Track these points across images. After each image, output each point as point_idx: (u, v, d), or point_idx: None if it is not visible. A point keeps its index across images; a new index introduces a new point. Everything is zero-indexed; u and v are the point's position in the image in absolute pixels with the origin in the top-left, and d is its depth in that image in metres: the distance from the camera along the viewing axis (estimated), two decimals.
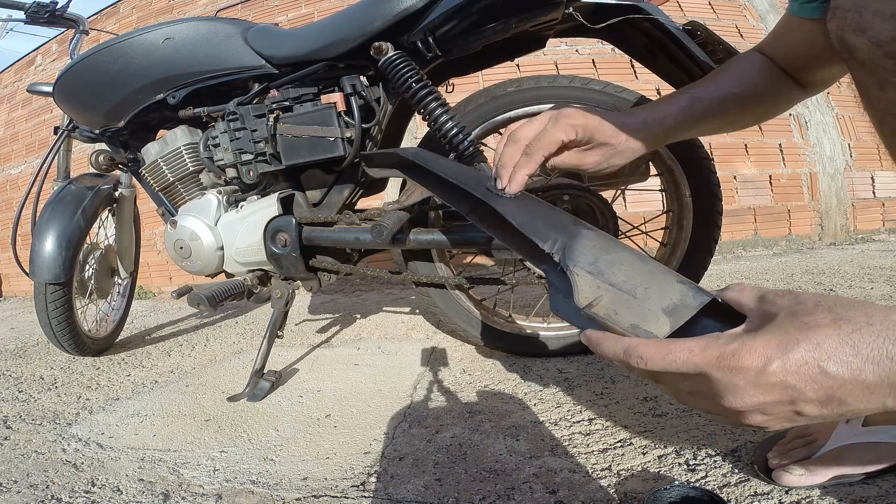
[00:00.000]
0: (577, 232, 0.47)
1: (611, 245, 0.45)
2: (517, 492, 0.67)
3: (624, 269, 0.42)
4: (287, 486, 0.74)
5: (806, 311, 0.31)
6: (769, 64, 0.62)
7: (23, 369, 1.52)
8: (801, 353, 0.29)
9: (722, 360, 0.31)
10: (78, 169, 1.68)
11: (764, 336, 0.31)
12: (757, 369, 0.30)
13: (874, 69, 0.40)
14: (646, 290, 0.39)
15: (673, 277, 0.40)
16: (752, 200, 2.66)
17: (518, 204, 0.55)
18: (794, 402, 0.30)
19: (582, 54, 2.71)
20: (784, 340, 0.30)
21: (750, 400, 0.31)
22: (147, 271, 3.13)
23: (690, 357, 0.32)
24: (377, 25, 0.94)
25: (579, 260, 0.44)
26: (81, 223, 1.42)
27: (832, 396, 0.29)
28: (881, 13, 0.37)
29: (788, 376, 0.29)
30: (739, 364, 0.30)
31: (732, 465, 0.67)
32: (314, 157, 1.02)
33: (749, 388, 0.30)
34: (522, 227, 0.51)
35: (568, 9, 0.88)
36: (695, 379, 0.33)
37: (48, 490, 0.78)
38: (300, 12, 3.08)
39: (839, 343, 0.29)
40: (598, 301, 0.41)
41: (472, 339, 1.21)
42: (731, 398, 0.31)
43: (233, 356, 1.46)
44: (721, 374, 0.31)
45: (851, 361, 0.28)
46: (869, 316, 0.29)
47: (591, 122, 0.58)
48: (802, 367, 0.29)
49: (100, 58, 1.11)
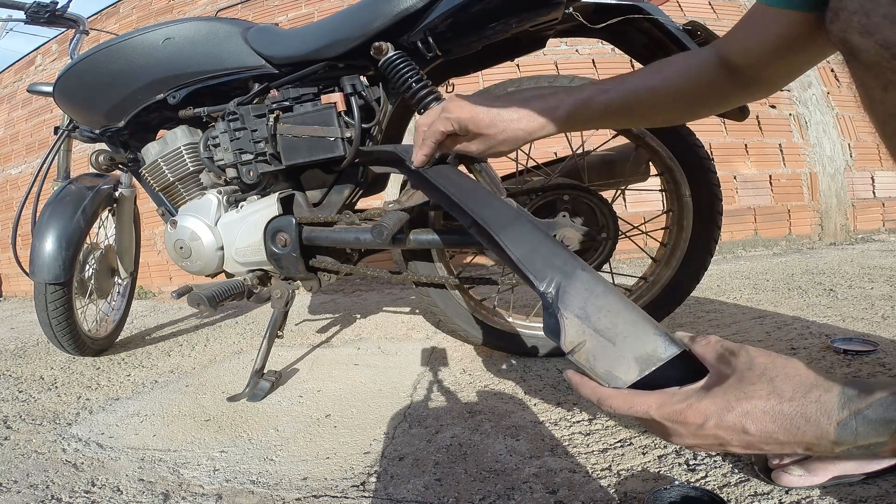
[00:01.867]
0: (573, 273, 0.51)
1: (601, 290, 0.49)
2: (517, 492, 0.67)
3: (610, 317, 0.47)
4: (287, 486, 0.74)
5: (751, 379, 0.40)
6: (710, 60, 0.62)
7: (23, 369, 1.52)
8: (733, 418, 0.39)
9: (671, 416, 0.41)
10: (78, 169, 1.68)
11: (710, 399, 0.40)
12: (697, 425, 0.40)
13: (880, 71, 0.40)
14: (624, 338, 0.46)
15: (651, 328, 0.46)
16: (752, 200, 2.66)
17: (518, 232, 0.57)
18: (722, 444, 0.41)
19: (582, 54, 2.71)
20: (723, 405, 0.39)
21: (688, 442, 0.42)
22: (147, 271, 3.13)
23: (648, 411, 0.43)
24: (377, 25, 0.94)
25: (570, 303, 0.49)
26: (81, 223, 1.42)
27: (751, 445, 0.39)
28: (891, 17, 0.37)
29: (720, 431, 0.39)
30: (685, 420, 0.41)
31: (732, 465, 0.67)
32: (314, 157, 1.02)
33: (689, 436, 0.41)
34: (520, 262, 0.54)
35: (568, 9, 0.88)
36: (650, 423, 0.44)
37: (48, 490, 0.78)
38: (300, 12, 3.08)
39: (763, 414, 0.38)
40: (580, 347, 0.47)
41: (472, 339, 1.21)
42: (675, 439, 0.43)
43: (233, 356, 1.46)
44: (669, 425, 0.42)
45: (769, 427, 0.38)
46: (794, 391, 0.38)
47: (464, 116, 0.64)
48: (731, 427, 0.39)
49: (100, 58, 1.11)
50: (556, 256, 0.53)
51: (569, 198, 1.01)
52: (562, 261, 0.52)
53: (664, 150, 1.06)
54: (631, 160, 1.14)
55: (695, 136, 1.07)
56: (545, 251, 0.54)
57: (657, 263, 1.19)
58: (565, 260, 0.52)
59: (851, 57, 0.42)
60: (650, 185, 1.18)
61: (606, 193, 1.09)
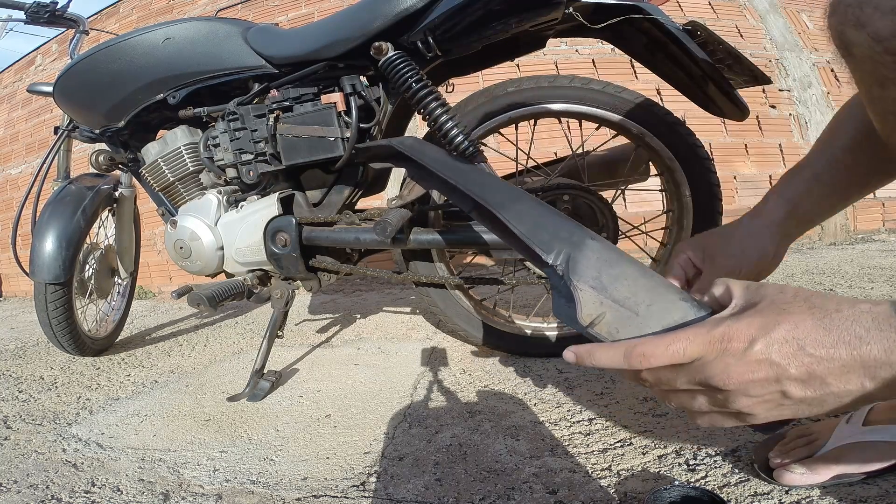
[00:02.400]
0: (582, 242, 0.47)
1: (615, 258, 0.45)
2: (517, 492, 0.67)
3: (627, 285, 0.42)
4: (287, 486, 0.74)
5: (785, 300, 0.34)
6: None
7: (23, 369, 1.52)
8: (782, 333, 0.32)
9: (714, 343, 0.34)
10: (78, 169, 1.68)
11: (747, 319, 0.34)
12: (743, 348, 0.33)
13: (874, 66, 0.39)
14: (648, 307, 0.41)
15: (676, 294, 0.41)
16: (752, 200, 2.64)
17: (521, 208, 0.55)
18: (778, 379, 0.33)
19: (582, 54, 2.71)
20: (766, 322, 0.33)
21: (738, 377, 0.33)
22: (147, 271, 3.13)
23: (689, 345, 0.34)
24: (377, 25, 0.94)
25: (583, 274, 0.44)
26: (81, 223, 1.42)
27: (813, 374, 0.32)
28: (881, 8, 0.37)
29: (772, 352, 0.32)
30: (729, 345, 0.33)
31: (732, 464, 0.67)
32: (314, 157, 1.02)
33: (737, 364, 0.33)
34: (525, 237, 0.50)
35: (568, 9, 0.88)
36: (689, 368, 0.35)
37: (48, 490, 0.78)
38: (300, 12, 3.08)
39: (813, 326, 0.32)
40: (600, 319, 0.42)
41: (472, 340, 1.21)
42: (724, 377, 0.33)
43: (233, 356, 1.46)
44: (714, 356, 0.34)
45: (825, 340, 0.31)
46: (839, 304, 0.33)
47: None
48: (784, 345, 0.32)
49: (100, 58, 1.11)
50: (562, 228, 0.49)
51: (569, 198, 1.01)
52: (569, 232, 0.49)
53: (664, 150, 1.06)
54: (631, 160, 1.14)
55: (695, 136, 1.07)
56: (550, 224, 0.50)
57: (657, 263, 1.19)
58: (572, 231, 0.49)
59: (847, 52, 0.41)
60: (650, 185, 1.18)
61: (606, 193, 1.09)
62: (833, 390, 0.32)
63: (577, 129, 1.18)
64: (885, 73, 0.38)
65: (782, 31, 2.91)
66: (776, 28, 2.91)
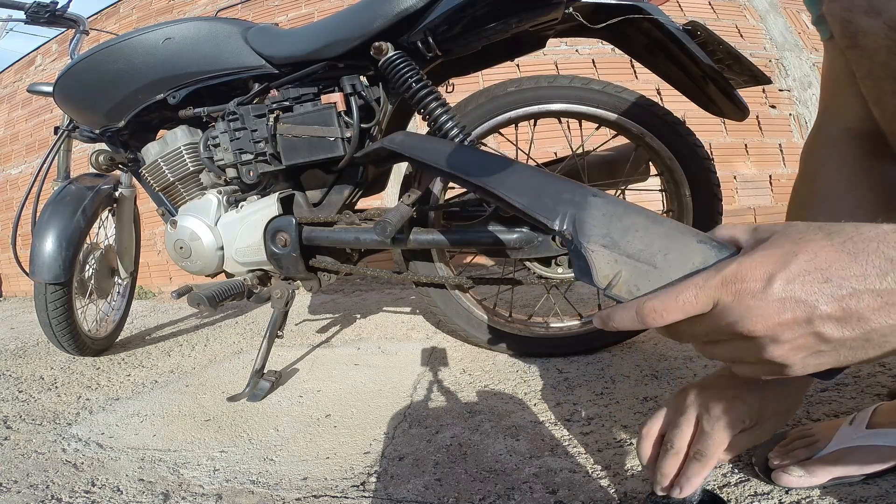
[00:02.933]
0: (584, 201, 0.44)
1: (622, 210, 0.42)
2: (517, 492, 0.67)
3: (640, 236, 0.39)
4: (287, 486, 0.74)
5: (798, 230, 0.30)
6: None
7: (23, 369, 1.52)
8: (801, 264, 0.28)
9: (726, 285, 0.30)
10: (78, 169, 1.68)
11: (760, 253, 0.30)
12: (761, 286, 0.29)
13: (890, 57, 0.35)
14: (665, 256, 0.38)
15: (693, 237, 0.38)
16: (752, 200, 2.66)
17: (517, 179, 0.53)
18: (810, 320, 0.28)
19: (582, 54, 2.70)
20: (781, 254, 0.29)
21: (764, 321, 0.29)
22: (147, 271, 3.13)
23: (699, 292, 0.31)
24: (377, 25, 0.94)
25: (592, 233, 0.42)
26: (81, 223, 1.42)
27: (849, 311, 0.27)
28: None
29: (795, 288, 0.28)
30: (744, 284, 0.29)
31: (732, 465, 0.67)
32: (314, 157, 1.02)
33: (761, 306, 0.28)
34: (527, 208, 0.49)
35: (568, 9, 0.88)
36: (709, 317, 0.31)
37: (48, 490, 0.78)
38: (300, 12, 3.08)
39: (835, 252, 0.28)
40: (617, 278, 0.39)
41: (472, 339, 1.21)
42: (747, 322, 0.29)
43: (233, 356, 1.46)
44: (731, 299, 0.29)
45: (853, 269, 0.27)
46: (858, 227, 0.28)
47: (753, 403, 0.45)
48: (806, 278, 0.28)
49: (100, 58, 1.11)
50: (563, 191, 0.47)
51: None
52: (570, 193, 0.46)
53: (664, 150, 1.06)
54: (631, 160, 1.14)
55: (695, 136, 1.07)
56: (551, 189, 0.49)
57: None
58: (573, 191, 0.46)
59: (853, 42, 0.37)
60: (650, 185, 1.18)
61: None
62: (875, 326, 0.27)
63: (577, 129, 1.18)
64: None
65: (782, 31, 2.91)
66: (776, 28, 2.91)
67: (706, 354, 0.34)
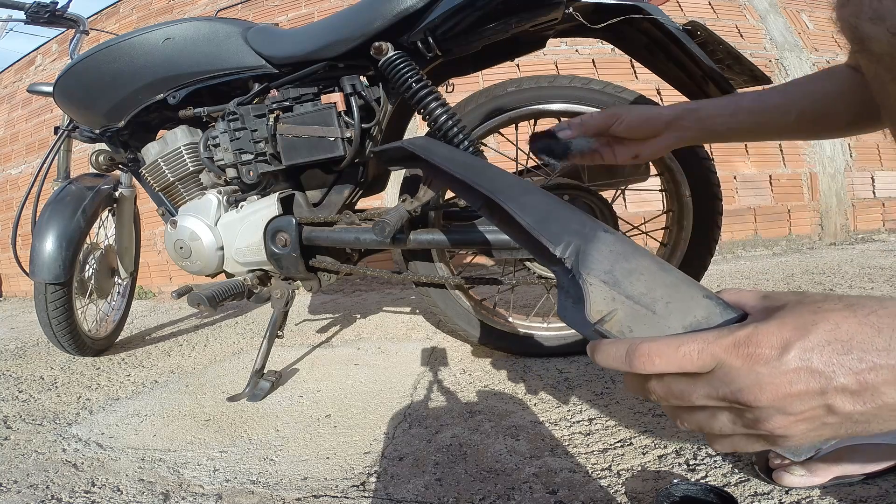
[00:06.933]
0: (594, 235, 0.43)
1: (630, 251, 0.41)
2: (517, 492, 0.67)
3: (644, 280, 0.38)
4: (287, 486, 0.74)
5: (815, 300, 0.29)
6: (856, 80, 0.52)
7: (23, 369, 1.52)
8: (822, 334, 0.26)
9: (738, 347, 0.28)
10: (78, 169, 1.68)
11: (778, 320, 0.28)
12: (776, 354, 0.27)
13: (892, 62, 0.36)
14: (667, 304, 0.36)
15: (699, 291, 0.36)
16: (752, 200, 2.66)
17: (530, 200, 0.54)
18: (823, 392, 0.27)
19: (582, 54, 2.71)
20: (800, 323, 0.27)
21: (773, 391, 0.27)
22: (147, 271, 3.13)
23: (704, 348, 0.28)
24: (377, 25, 0.94)
25: (594, 267, 0.40)
26: (81, 223, 1.42)
27: (865, 384, 0.26)
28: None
29: (813, 357, 0.26)
30: (757, 350, 0.27)
31: (732, 464, 0.67)
32: (314, 157, 1.02)
33: (772, 375, 0.27)
34: (532, 228, 0.48)
35: (568, 9, 0.88)
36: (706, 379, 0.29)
37: (48, 490, 0.78)
38: (300, 12, 3.08)
39: (858, 324, 0.26)
40: (611, 316, 0.37)
41: (472, 339, 1.21)
42: (754, 390, 0.27)
43: (233, 356, 1.46)
44: (739, 363, 0.27)
45: (876, 342, 0.26)
46: (881, 301, 0.27)
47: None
48: (826, 349, 0.26)
49: (100, 58, 1.11)
50: (572, 220, 0.46)
51: (569, 198, 1.01)
52: (580, 223, 0.45)
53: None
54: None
55: None
56: (561, 215, 0.47)
57: None
58: (584, 222, 0.45)
59: (862, 47, 0.38)
60: (650, 185, 1.17)
61: (606, 193, 1.09)
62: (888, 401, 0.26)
63: None
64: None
65: (782, 31, 2.91)
66: (776, 28, 2.91)
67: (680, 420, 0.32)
